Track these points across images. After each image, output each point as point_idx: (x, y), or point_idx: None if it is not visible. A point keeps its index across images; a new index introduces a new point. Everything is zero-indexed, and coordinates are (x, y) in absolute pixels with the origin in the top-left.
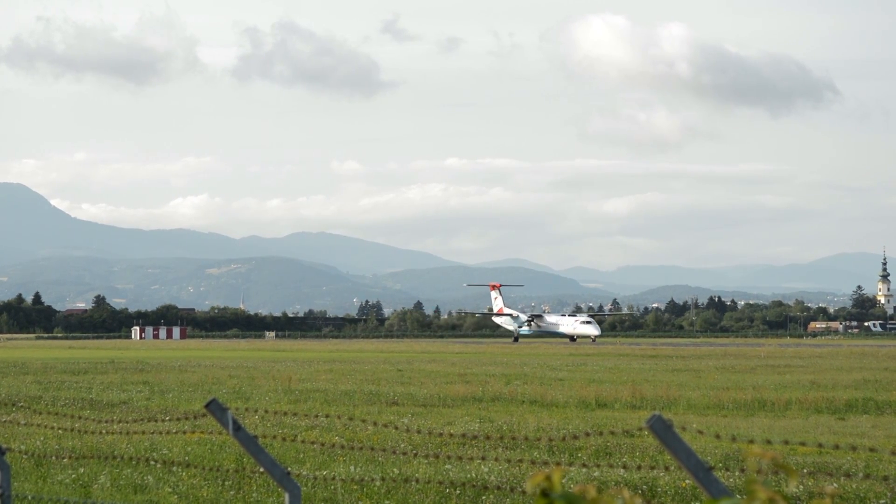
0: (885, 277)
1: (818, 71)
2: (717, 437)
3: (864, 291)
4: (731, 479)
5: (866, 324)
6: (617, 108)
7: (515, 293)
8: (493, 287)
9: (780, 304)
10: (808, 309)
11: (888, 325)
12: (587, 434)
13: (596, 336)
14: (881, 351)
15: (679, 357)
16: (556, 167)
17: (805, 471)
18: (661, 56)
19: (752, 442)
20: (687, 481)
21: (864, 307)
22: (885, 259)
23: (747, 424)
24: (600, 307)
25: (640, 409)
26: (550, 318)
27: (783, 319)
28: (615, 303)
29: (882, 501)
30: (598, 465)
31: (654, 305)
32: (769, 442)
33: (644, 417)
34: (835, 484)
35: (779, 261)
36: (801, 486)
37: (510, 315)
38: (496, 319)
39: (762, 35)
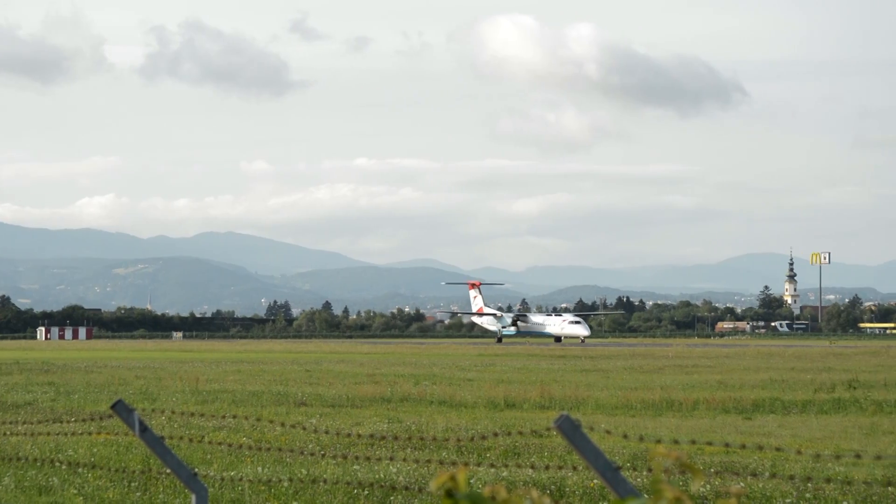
0: (791, 278)
1: (726, 72)
2: (625, 436)
3: (770, 292)
4: (638, 479)
5: (773, 324)
6: (526, 109)
7: (425, 293)
8: (473, 286)
9: (687, 304)
10: (716, 309)
11: (795, 326)
12: (495, 434)
13: (585, 337)
14: (788, 351)
15: (587, 357)
16: (466, 167)
17: (712, 470)
18: (570, 57)
19: (659, 442)
20: (595, 481)
21: (770, 307)
22: (791, 259)
23: (655, 424)
24: (509, 307)
25: (549, 410)
26: (536, 318)
27: (691, 319)
28: (524, 303)
29: (788, 500)
30: (506, 466)
31: (563, 306)
32: (676, 442)
33: (552, 417)
34: (741, 483)
35: (687, 261)
36: (708, 486)
37: (493, 315)
38: (476, 320)
39: (670, 36)
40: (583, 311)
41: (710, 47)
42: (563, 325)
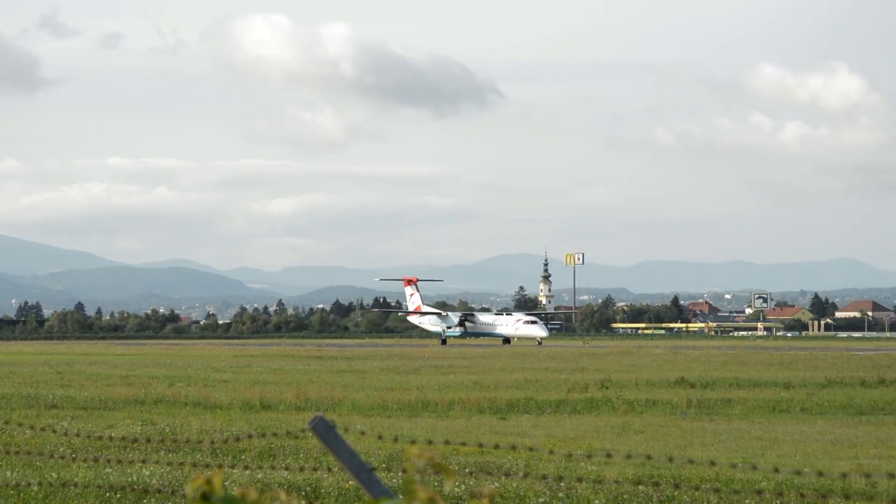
0: (546, 278)
1: (482, 73)
2: (380, 437)
3: (526, 292)
4: (393, 480)
5: None
6: (281, 109)
7: (180, 294)
8: (409, 282)
9: (444, 304)
10: (472, 309)
11: (549, 326)
12: (250, 436)
13: (543, 338)
14: (542, 351)
15: (344, 358)
16: (221, 167)
17: (466, 470)
18: (325, 57)
19: (413, 442)
20: (350, 482)
21: (526, 307)
22: (546, 260)
23: (411, 425)
24: (265, 308)
25: (305, 411)
26: (485, 318)
27: None
28: (280, 304)
29: (541, 500)
30: (261, 468)
31: (320, 306)
32: (431, 442)
33: (308, 419)
34: (495, 483)
35: (444, 261)
36: (462, 486)
37: (437, 314)
38: (414, 319)
39: (426, 37)
40: (339, 312)
41: (466, 48)
42: (516, 325)
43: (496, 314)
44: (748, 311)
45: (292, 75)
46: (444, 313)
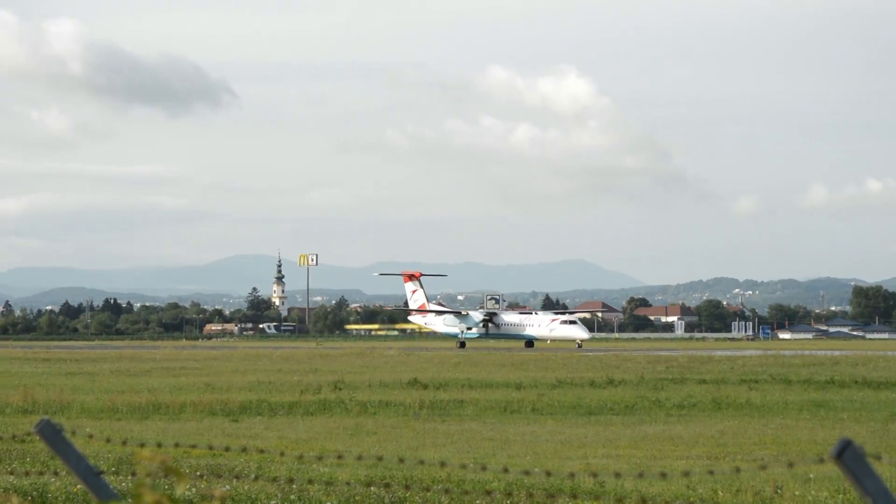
0: (279, 279)
1: (215, 73)
2: (108, 440)
3: (259, 293)
4: (123, 484)
5: (261, 325)
6: (8, 107)
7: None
8: (411, 277)
9: (176, 306)
10: (205, 311)
11: (282, 327)
12: None
13: (583, 340)
14: (275, 353)
15: (73, 360)
16: None
17: (198, 473)
18: (53, 54)
19: (143, 445)
20: (78, 486)
21: (259, 309)
22: (280, 261)
23: (142, 428)
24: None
25: (32, 414)
26: (512, 317)
27: (179, 322)
28: (8, 305)
29: (273, 502)
30: None
31: (48, 308)
32: (161, 445)
33: (35, 422)
34: (227, 486)
35: (176, 262)
36: (194, 489)
37: (455, 313)
38: (419, 319)
39: (158, 35)
40: (69, 314)
41: (199, 48)
42: (551, 325)
43: (522, 313)
44: None
45: (18, 73)
46: (463, 312)
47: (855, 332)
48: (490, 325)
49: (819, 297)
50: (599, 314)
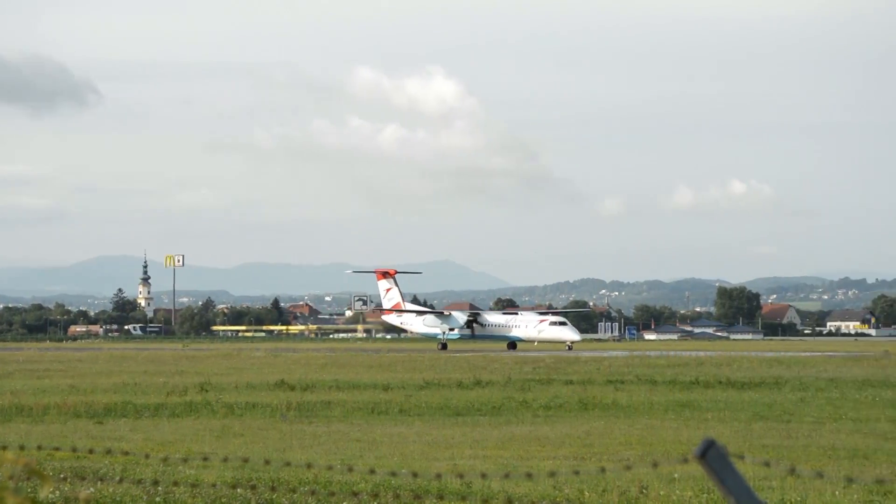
0: (145, 280)
1: (80, 72)
2: None
3: (125, 294)
4: None
5: (127, 327)
6: None
7: None
8: (385, 274)
9: (40, 307)
10: (69, 312)
11: (148, 329)
12: None
13: (574, 342)
14: (141, 354)
15: None
16: None
17: (62, 476)
18: None
19: (5, 448)
20: None
21: (124, 310)
22: (145, 262)
23: (4, 430)
24: None
25: None
26: (496, 318)
27: (43, 323)
28: None
29: None
30: None
31: None
32: (23, 447)
33: None
34: (91, 489)
35: (40, 263)
36: (58, 492)
37: (438, 313)
38: (393, 319)
39: (21, 34)
40: None
41: (63, 47)
42: (539, 327)
43: (505, 314)
44: (348, 313)
45: None
46: (446, 312)
47: (719, 333)
48: (476, 325)
49: (684, 298)
50: None
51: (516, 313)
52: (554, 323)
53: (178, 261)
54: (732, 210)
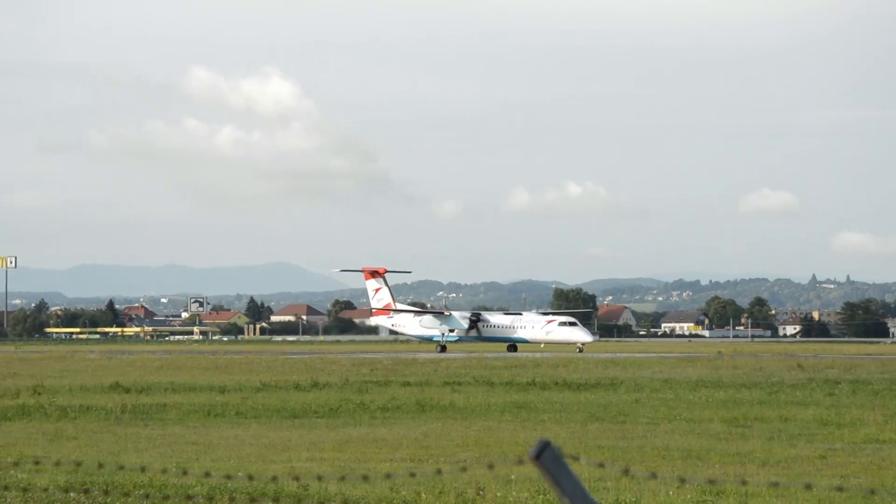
0: None
1: None
2: None
3: None
4: None
5: None
6: None
7: None
8: (374, 273)
9: None
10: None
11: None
12: None
13: (585, 343)
14: None
15: None
16: None
17: None
18: None
19: None
20: None
21: None
22: None
23: None
24: None
25: None
26: (499, 319)
27: None
28: None
29: None
30: None
31: None
32: None
33: None
34: None
35: None
36: None
37: (435, 313)
38: (384, 320)
39: None
40: None
41: None
42: (547, 328)
43: (508, 314)
44: (184, 315)
45: None
46: (446, 313)
47: None
48: (479, 327)
49: (521, 300)
50: (304, 317)
51: (519, 314)
52: (563, 323)
53: (11, 262)
54: (568, 212)
